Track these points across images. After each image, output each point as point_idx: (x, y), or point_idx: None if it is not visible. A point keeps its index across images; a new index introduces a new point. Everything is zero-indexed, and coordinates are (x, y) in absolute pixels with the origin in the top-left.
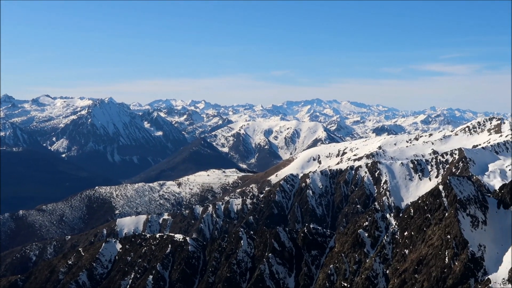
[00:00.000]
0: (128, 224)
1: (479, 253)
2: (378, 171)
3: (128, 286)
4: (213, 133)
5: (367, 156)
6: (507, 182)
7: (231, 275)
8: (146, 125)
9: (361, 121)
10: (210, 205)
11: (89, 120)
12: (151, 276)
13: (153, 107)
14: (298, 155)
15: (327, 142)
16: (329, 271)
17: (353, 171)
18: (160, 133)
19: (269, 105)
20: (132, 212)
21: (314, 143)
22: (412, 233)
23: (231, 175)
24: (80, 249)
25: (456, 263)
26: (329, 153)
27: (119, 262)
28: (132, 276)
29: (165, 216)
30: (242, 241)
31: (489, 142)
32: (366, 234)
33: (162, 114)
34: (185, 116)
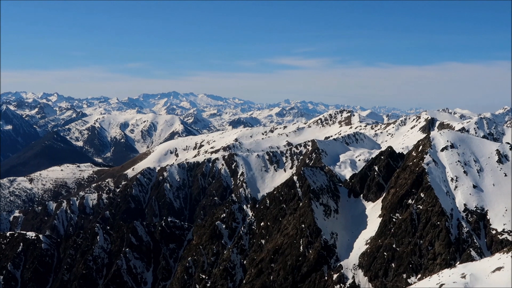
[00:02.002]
0: None
1: (332, 240)
2: (235, 163)
3: None
4: (67, 126)
5: (224, 149)
6: (357, 172)
7: (87, 272)
8: None
9: (218, 114)
10: (65, 200)
11: None
12: (1, 277)
13: (2, 100)
14: (155, 148)
15: (184, 135)
16: (187, 264)
17: (210, 164)
18: (9, 127)
19: (125, 98)
20: None
21: (171, 136)
22: (268, 223)
23: (86, 170)
24: None
25: (310, 251)
26: (186, 146)
27: None
28: None
29: (16, 213)
30: (98, 237)
31: (340, 134)
32: (224, 226)
33: (11, 107)
34: (36, 109)
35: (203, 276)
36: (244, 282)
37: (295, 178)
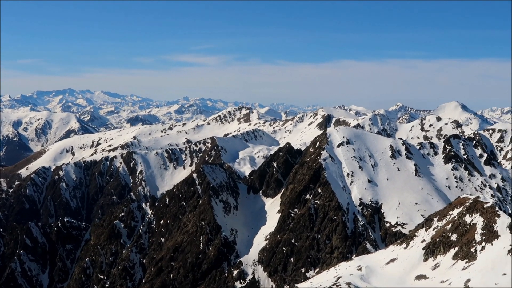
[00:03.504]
0: None
1: (232, 237)
2: (133, 161)
3: None
4: None
5: (122, 147)
6: (256, 169)
7: None
8: None
9: (116, 111)
10: None
11: None
12: None
13: None
14: (50, 147)
15: (80, 133)
16: (85, 265)
17: (108, 162)
18: None
19: (17, 95)
20: None
21: (67, 135)
22: (168, 221)
23: None
24: None
25: (211, 248)
26: (83, 144)
27: None
28: None
29: None
30: None
31: (239, 131)
32: (122, 225)
33: None
34: None
35: (102, 277)
36: (144, 281)
37: (194, 175)
